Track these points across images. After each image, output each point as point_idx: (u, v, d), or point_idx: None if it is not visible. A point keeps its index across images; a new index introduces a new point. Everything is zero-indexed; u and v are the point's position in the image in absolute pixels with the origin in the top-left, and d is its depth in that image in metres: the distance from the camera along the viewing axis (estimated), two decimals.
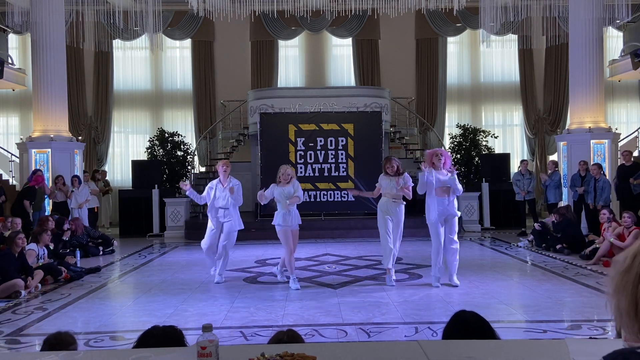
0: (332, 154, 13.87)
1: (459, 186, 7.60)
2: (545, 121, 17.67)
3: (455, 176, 7.61)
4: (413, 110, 17.14)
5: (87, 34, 16.00)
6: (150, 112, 17.82)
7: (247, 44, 17.64)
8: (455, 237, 7.66)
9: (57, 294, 7.63)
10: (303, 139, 13.87)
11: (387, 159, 8.00)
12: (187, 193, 8.57)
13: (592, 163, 12.24)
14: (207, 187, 8.33)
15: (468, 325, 2.66)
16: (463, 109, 18.04)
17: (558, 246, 10.22)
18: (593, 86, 12.94)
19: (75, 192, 12.41)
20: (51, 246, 9.32)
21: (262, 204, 8.29)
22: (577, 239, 10.23)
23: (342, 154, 13.89)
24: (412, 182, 7.97)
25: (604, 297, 6.59)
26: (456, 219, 7.66)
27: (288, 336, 2.72)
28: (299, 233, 7.91)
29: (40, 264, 8.42)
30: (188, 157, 16.10)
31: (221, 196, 8.10)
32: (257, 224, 13.06)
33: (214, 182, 8.29)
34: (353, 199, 13.47)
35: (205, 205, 8.53)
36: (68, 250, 10.13)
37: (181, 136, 16.30)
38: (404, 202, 7.93)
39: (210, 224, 8.29)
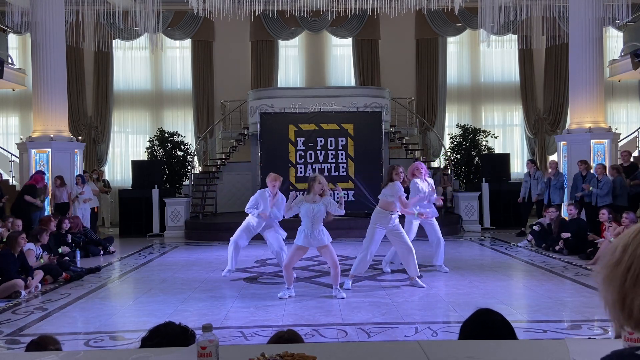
0: (332, 154, 13.87)
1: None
2: (545, 121, 17.67)
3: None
4: (413, 110, 17.14)
5: (87, 34, 15.99)
6: (150, 112, 17.82)
7: (247, 44, 17.64)
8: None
9: (57, 294, 7.62)
10: (303, 139, 13.87)
11: (394, 167, 7.62)
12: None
13: (591, 163, 12.24)
14: (258, 195, 8.17)
15: (495, 329, 2.47)
16: (463, 109, 18.04)
17: (557, 246, 10.22)
18: (593, 86, 12.93)
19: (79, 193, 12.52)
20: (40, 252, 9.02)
21: (287, 216, 7.40)
22: (579, 243, 10.14)
23: (342, 154, 13.89)
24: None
25: None
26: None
27: (288, 336, 2.72)
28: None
29: (42, 263, 8.41)
30: (188, 157, 16.10)
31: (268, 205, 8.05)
32: None
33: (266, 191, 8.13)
34: (353, 199, 13.47)
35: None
36: (69, 250, 10.12)
37: (181, 136, 16.31)
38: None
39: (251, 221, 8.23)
